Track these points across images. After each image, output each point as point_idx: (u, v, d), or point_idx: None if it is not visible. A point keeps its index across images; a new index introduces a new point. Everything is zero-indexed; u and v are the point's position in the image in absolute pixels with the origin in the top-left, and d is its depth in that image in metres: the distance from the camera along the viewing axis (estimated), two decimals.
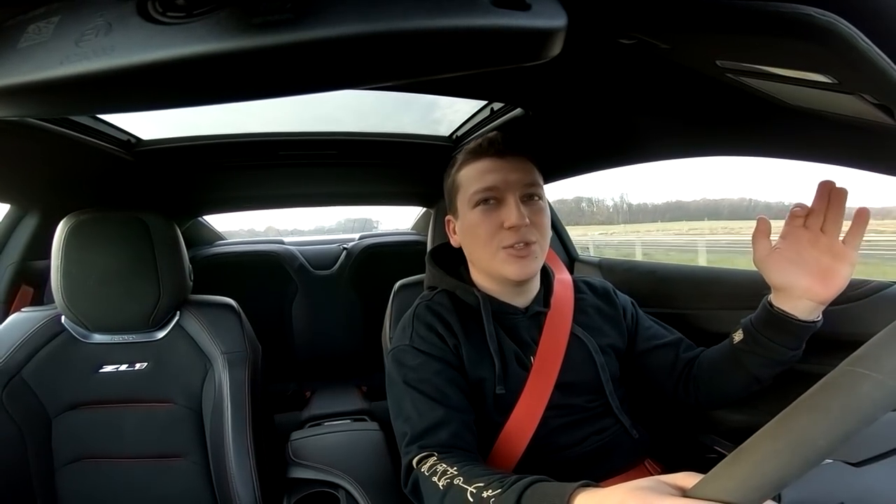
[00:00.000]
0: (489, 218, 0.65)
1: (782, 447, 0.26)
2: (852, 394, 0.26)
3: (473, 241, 0.68)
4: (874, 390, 0.25)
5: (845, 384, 0.26)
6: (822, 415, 0.26)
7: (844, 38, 0.29)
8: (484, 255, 0.67)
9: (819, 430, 0.25)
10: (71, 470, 0.81)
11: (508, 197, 0.65)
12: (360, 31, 0.23)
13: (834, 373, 0.27)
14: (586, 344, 0.69)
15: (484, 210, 0.65)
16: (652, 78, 0.58)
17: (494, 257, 0.65)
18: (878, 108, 0.39)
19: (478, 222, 0.66)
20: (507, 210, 0.64)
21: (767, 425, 0.27)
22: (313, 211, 4.52)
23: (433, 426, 0.58)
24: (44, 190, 1.00)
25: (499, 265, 0.65)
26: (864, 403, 0.25)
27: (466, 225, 0.68)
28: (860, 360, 0.27)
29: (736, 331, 0.66)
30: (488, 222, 0.65)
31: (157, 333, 0.86)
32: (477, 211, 0.66)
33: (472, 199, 0.66)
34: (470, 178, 0.67)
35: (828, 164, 0.60)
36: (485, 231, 0.65)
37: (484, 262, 0.68)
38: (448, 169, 0.73)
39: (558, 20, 0.25)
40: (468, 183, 0.67)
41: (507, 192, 0.65)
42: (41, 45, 0.24)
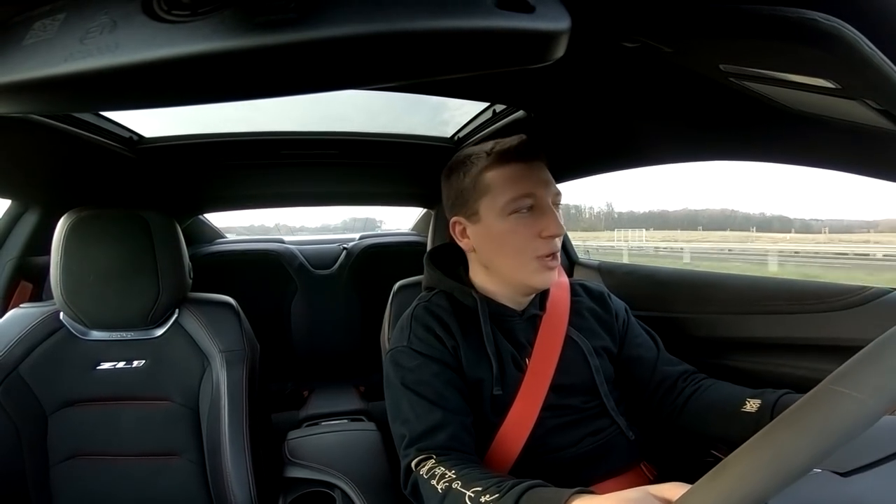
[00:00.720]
0: (525, 226, 0.63)
1: (763, 463, 0.26)
2: (831, 412, 0.26)
3: (501, 250, 0.65)
4: (853, 409, 0.26)
5: (825, 403, 0.27)
6: (801, 432, 0.26)
7: (849, 43, 0.29)
8: (513, 263, 0.65)
9: (798, 447, 0.26)
10: (66, 467, 0.81)
11: (545, 205, 0.63)
12: (363, 31, 0.23)
13: (816, 390, 0.28)
14: (581, 346, 0.69)
15: (519, 218, 0.63)
16: (655, 81, 0.58)
17: (525, 266, 0.64)
18: (880, 114, 0.39)
19: (512, 231, 0.63)
20: (547, 219, 0.62)
21: (750, 440, 0.28)
22: (319, 210, 4.52)
23: (431, 429, 0.58)
24: (45, 186, 1.00)
25: (529, 274, 0.64)
26: (842, 422, 0.26)
27: (495, 232, 0.65)
28: (841, 379, 0.27)
29: (751, 401, 0.61)
30: (524, 231, 0.63)
31: (155, 331, 0.86)
32: (512, 219, 0.63)
33: (508, 207, 0.63)
34: (503, 183, 0.63)
35: (829, 169, 0.60)
36: (520, 240, 0.63)
37: (509, 270, 0.66)
38: (459, 168, 0.68)
39: (562, 23, 0.25)
40: (501, 188, 0.63)
41: (543, 199, 0.63)
42: (46, 42, 0.24)
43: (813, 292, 0.73)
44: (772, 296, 0.78)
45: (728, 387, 0.67)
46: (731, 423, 0.62)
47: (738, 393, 0.64)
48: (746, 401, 0.61)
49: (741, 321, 0.81)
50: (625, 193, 28.12)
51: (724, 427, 0.63)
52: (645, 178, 25.67)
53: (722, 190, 35.84)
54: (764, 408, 0.59)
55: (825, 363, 0.70)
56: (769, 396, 0.60)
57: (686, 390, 0.69)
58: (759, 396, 0.61)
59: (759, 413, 0.59)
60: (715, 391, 0.67)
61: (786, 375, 0.75)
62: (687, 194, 36.27)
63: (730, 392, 0.66)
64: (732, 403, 0.63)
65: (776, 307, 0.77)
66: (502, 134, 0.94)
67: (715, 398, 0.66)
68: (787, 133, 0.57)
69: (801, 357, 0.74)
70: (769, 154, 0.65)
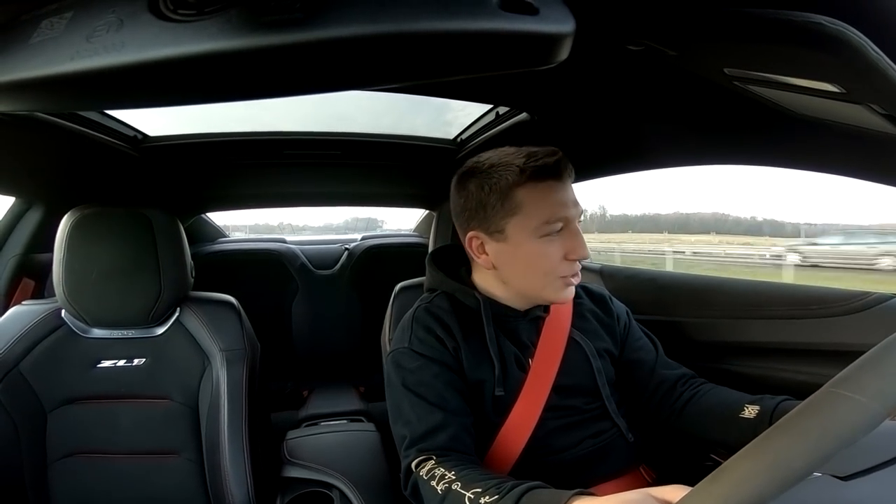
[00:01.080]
0: (554, 248, 0.61)
1: (761, 468, 0.26)
2: (832, 416, 0.26)
3: (528, 271, 0.63)
4: (854, 413, 0.26)
5: (826, 406, 0.27)
6: (800, 437, 0.26)
7: (854, 48, 0.29)
8: (538, 283, 0.64)
9: (797, 451, 0.25)
10: (64, 465, 0.81)
11: (574, 227, 0.62)
12: (368, 31, 0.23)
13: (817, 394, 0.28)
14: (583, 347, 0.69)
15: (549, 241, 0.61)
16: (659, 85, 0.58)
17: (550, 286, 0.63)
18: (885, 119, 0.39)
19: (541, 254, 0.61)
20: (576, 242, 0.61)
21: (751, 444, 0.28)
22: (322, 210, 4.53)
23: (432, 430, 0.58)
24: (49, 183, 1.00)
25: (552, 293, 0.64)
26: (842, 426, 0.25)
27: (522, 253, 0.62)
28: (843, 383, 0.27)
29: (750, 407, 0.61)
30: (553, 253, 0.61)
31: (156, 329, 0.86)
32: (542, 241, 0.61)
33: (540, 230, 0.60)
34: (535, 204, 0.60)
35: (833, 174, 0.60)
36: (548, 263, 0.62)
37: (533, 289, 0.65)
38: (482, 179, 0.63)
39: (566, 25, 0.25)
40: (536, 209, 0.60)
41: (572, 221, 0.62)
42: (53, 41, 0.24)
43: (814, 298, 0.73)
44: (773, 301, 0.78)
45: (727, 392, 0.67)
46: (729, 429, 0.61)
47: (737, 398, 0.64)
48: (745, 406, 0.61)
49: (742, 326, 0.81)
50: (617, 197, 27.76)
51: (723, 432, 0.63)
52: (636, 182, 24.55)
53: (716, 194, 35.30)
54: (762, 414, 0.59)
55: (826, 368, 0.70)
56: (768, 402, 0.60)
57: (685, 394, 0.69)
58: (757, 402, 0.61)
59: (757, 419, 0.59)
60: (713, 396, 0.67)
61: (786, 380, 0.75)
62: (681, 198, 35.44)
63: (728, 397, 0.65)
64: (731, 409, 0.62)
65: (777, 312, 0.77)
66: (505, 136, 0.94)
67: (713, 403, 0.66)
68: (791, 137, 0.57)
69: (802, 362, 0.74)
70: (773, 158, 0.65)
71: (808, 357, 0.73)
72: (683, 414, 0.68)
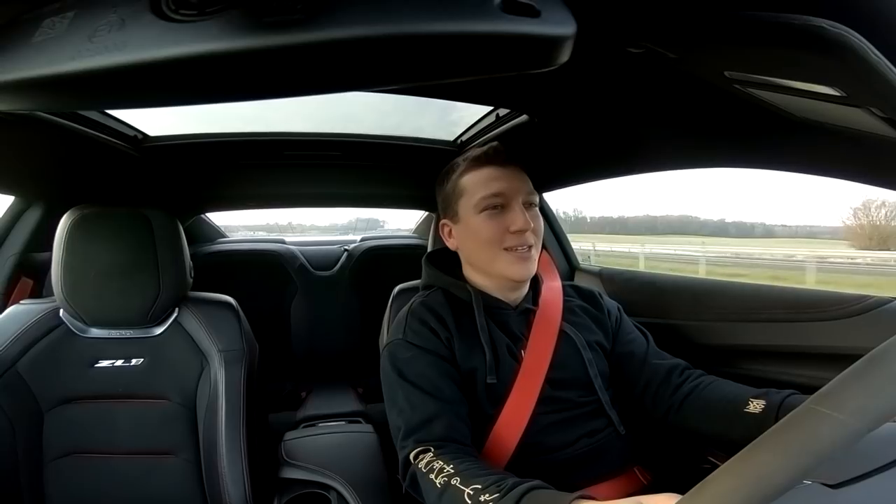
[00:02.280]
0: (495, 222, 0.68)
1: (742, 483, 0.26)
2: (812, 433, 0.26)
3: (476, 244, 0.71)
4: (834, 430, 0.26)
5: (806, 423, 0.27)
6: (781, 453, 0.26)
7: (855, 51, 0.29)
8: (486, 256, 0.70)
9: (777, 467, 0.26)
10: (61, 465, 0.81)
11: (514, 203, 0.68)
12: (369, 33, 0.23)
13: (798, 410, 0.28)
14: (574, 340, 0.70)
15: (490, 215, 0.68)
16: (659, 88, 0.58)
17: (497, 259, 0.69)
18: (885, 123, 0.39)
19: (483, 226, 0.69)
20: (514, 215, 0.67)
21: (731, 460, 0.28)
22: (328, 210, 4.56)
23: (427, 419, 0.59)
24: (49, 183, 1.00)
25: (502, 266, 0.69)
26: (822, 443, 0.26)
27: (470, 229, 0.71)
28: (824, 399, 0.27)
29: (755, 401, 0.59)
30: (494, 226, 0.68)
31: (154, 329, 0.86)
32: (483, 216, 0.69)
33: (479, 205, 0.69)
34: (476, 185, 0.70)
35: (833, 177, 0.60)
36: (490, 234, 0.68)
37: (485, 263, 0.71)
38: (445, 175, 0.75)
39: (568, 27, 0.25)
40: (474, 189, 0.70)
41: (512, 198, 0.68)
42: (55, 40, 0.24)
43: (813, 301, 0.73)
44: (772, 304, 0.78)
45: (729, 385, 0.65)
46: (732, 424, 0.60)
47: (740, 392, 0.62)
48: (750, 401, 0.59)
49: (741, 329, 0.81)
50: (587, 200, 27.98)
51: (726, 427, 0.61)
52: (610, 186, 25.62)
53: (686, 196, 36.11)
54: (769, 409, 0.57)
55: (825, 371, 0.70)
56: (774, 397, 0.58)
57: (684, 386, 0.68)
58: (762, 397, 0.59)
59: (763, 414, 0.57)
60: (715, 390, 0.65)
61: (786, 383, 0.74)
62: (650, 201, 36.56)
63: (731, 391, 0.64)
64: (735, 403, 0.61)
65: (776, 315, 0.77)
66: (505, 138, 0.94)
67: (715, 397, 0.64)
68: (791, 141, 0.57)
69: (802, 365, 0.74)
70: (773, 162, 0.65)
71: (806, 360, 0.73)
72: (683, 408, 0.67)
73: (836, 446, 0.25)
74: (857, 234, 31.53)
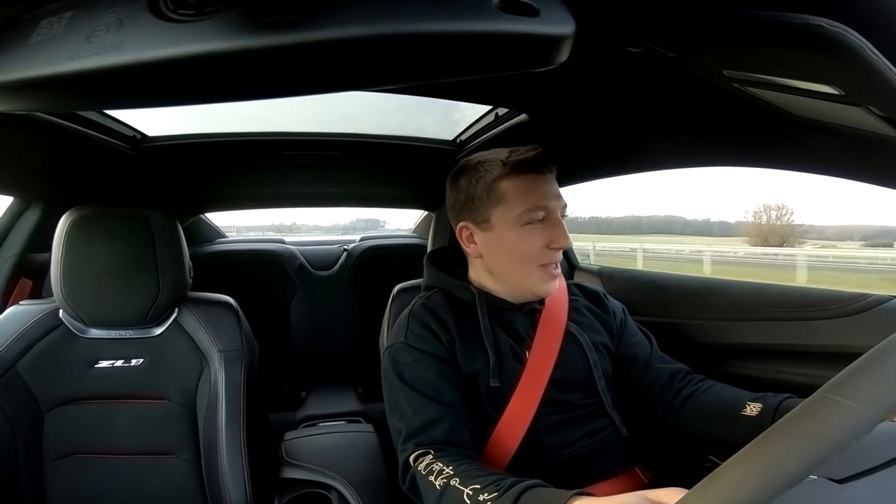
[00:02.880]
0: (535, 237, 0.65)
1: (755, 472, 0.26)
2: (825, 421, 0.26)
3: (509, 259, 0.67)
4: (847, 418, 0.26)
5: (820, 411, 0.27)
6: (794, 441, 0.26)
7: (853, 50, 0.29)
8: (519, 271, 0.67)
9: (791, 456, 0.26)
10: (61, 465, 0.81)
11: (555, 217, 0.66)
12: (368, 32, 0.23)
13: (811, 399, 0.28)
14: (580, 341, 0.70)
15: (531, 229, 0.65)
16: (658, 87, 0.58)
17: (531, 275, 0.66)
18: (883, 121, 0.39)
19: (522, 241, 0.65)
20: (556, 231, 0.65)
21: (744, 449, 0.28)
22: (330, 211, 4.59)
23: (428, 423, 0.59)
24: (48, 183, 1.00)
25: (534, 283, 0.66)
26: (836, 431, 0.25)
27: (505, 241, 0.66)
28: (837, 387, 0.27)
29: (752, 404, 0.61)
30: (534, 241, 0.65)
31: (154, 330, 0.86)
32: (524, 230, 0.65)
33: (521, 218, 0.64)
34: (516, 194, 0.65)
35: (832, 176, 0.60)
36: (529, 250, 0.65)
37: (516, 278, 0.68)
38: (468, 174, 0.69)
39: (567, 27, 0.25)
40: (514, 198, 0.65)
41: (553, 211, 0.65)
42: (53, 40, 0.24)
43: (813, 299, 0.73)
44: (772, 302, 0.78)
45: (727, 389, 0.67)
46: (730, 427, 0.61)
47: (738, 396, 0.64)
48: (746, 404, 0.61)
49: (742, 327, 0.81)
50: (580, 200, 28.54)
51: (723, 430, 0.62)
52: (598, 188, 25.97)
53: (672, 196, 36.06)
54: (765, 412, 0.58)
55: (825, 370, 0.70)
56: (770, 400, 0.59)
57: (684, 391, 0.69)
58: (759, 400, 0.60)
59: (759, 417, 0.59)
60: (713, 393, 0.67)
61: (786, 382, 0.75)
62: (637, 201, 36.41)
63: (729, 394, 0.65)
64: (732, 406, 0.62)
65: (777, 314, 0.77)
66: (504, 137, 0.94)
67: (713, 400, 0.65)
68: (790, 139, 0.57)
69: (801, 364, 0.74)
70: (772, 160, 0.65)
71: (806, 359, 0.73)
72: (682, 411, 0.68)
73: (849, 435, 0.25)
74: (754, 232, 32.95)
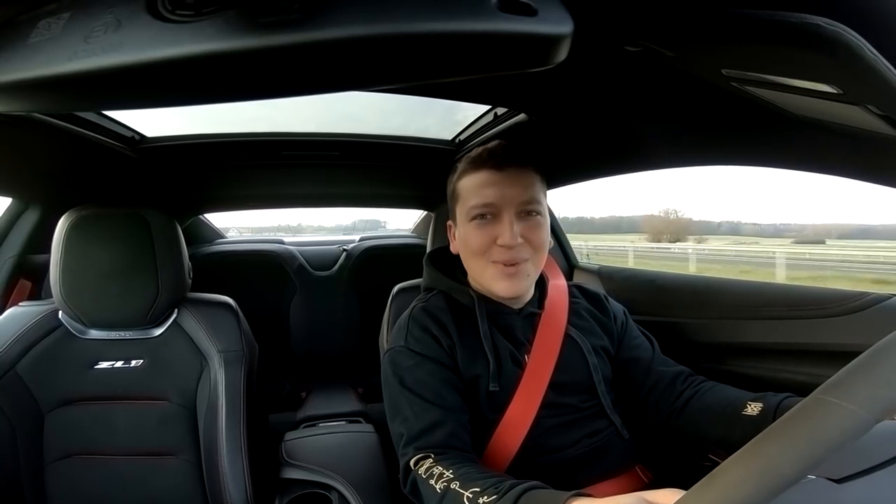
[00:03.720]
0: (483, 232, 0.65)
1: (750, 474, 0.26)
2: (821, 423, 0.26)
3: (467, 253, 0.70)
4: (843, 420, 0.25)
5: (815, 413, 0.27)
6: (789, 443, 0.26)
7: (851, 48, 0.29)
8: (475, 267, 0.69)
9: (786, 458, 0.25)
10: (61, 466, 0.81)
11: (504, 214, 0.64)
12: (366, 32, 0.23)
13: (806, 401, 0.28)
14: (580, 345, 0.70)
15: (479, 225, 0.66)
16: (657, 86, 0.58)
17: (485, 271, 0.67)
18: (882, 120, 0.39)
19: (472, 235, 0.67)
20: (501, 227, 0.64)
21: (739, 451, 0.28)
22: (333, 213, 4.63)
23: (429, 427, 0.59)
24: (46, 184, 1.00)
25: (489, 280, 0.67)
26: (831, 433, 0.25)
27: (461, 236, 0.70)
28: (832, 389, 0.27)
29: (752, 404, 0.61)
30: (482, 237, 0.65)
31: (154, 330, 0.86)
32: (472, 224, 0.67)
33: (469, 213, 0.67)
34: (468, 191, 0.68)
35: (831, 174, 0.60)
36: (477, 245, 0.66)
37: (476, 273, 0.70)
38: (450, 175, 0.74)
39: (565, 26, 0.25)
40: (466, 195, 0.68)
41: (503, 208, 0.65)
42: (51, 41, 0.24)
43: (812, 298, 0.73)
44: (772, 301, 0.78)
45: (728, 389, 0.67)
46: (731, 427, 0.61)
47: (739, 396, 0.64)
48: (747, 404, 0.61)
49: (741, 326, 0.81)
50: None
51: (724, 430, 0.62)
52: (584, 189, 25.46)
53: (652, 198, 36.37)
54: (766, 411, 0.58)
55: (824, 369, 0.70)
56: (771, 400, 0.59)
57: (685, 393, 0.69)
58: (760, 400, 0.61)
59: (760, 416, 0.58)
60: (714, 394, 0.67)
61: (785, 381, 0.75)
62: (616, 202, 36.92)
63: (730, 395, 0.65)
64: (733, 406, 0.62)
65: (776, 313, 0.77)
66: (503, 137, 0.94)
67: (714, 401, 0.66)
68: (788, 138, 0.57)
69: (801, 362, 0.74)
70: (770, 159, 0.65)
71: (806, 357, 0.73)
72: (684, 413, 0.68)
73: (845, 436, 0.25)
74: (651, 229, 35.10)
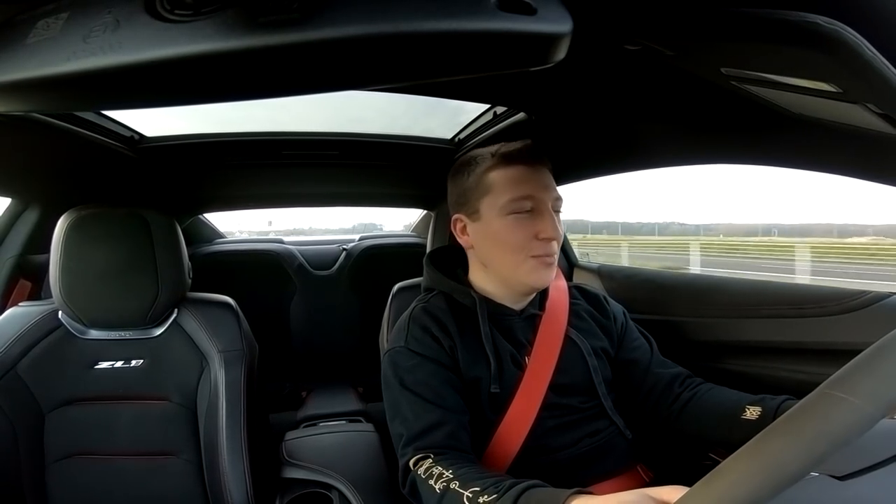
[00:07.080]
0: (522, 227, 0.65)
1: (755, 470, 0.26)
2: (826, 418, 0.26)
3: (498, 248, 0.67)
4: (848, 415, 0.25)
5: (820, 408, 0.26)
6: (795, 439, 0.26)
7: (850, 47, 0.29)
8: (509, 262, 0.67)
9: (791, 454, 0.25)
10: (62, 466, 0.81)
11: (544, 208, 0.65)
12: (365, 32, 0.23)
13: (811, 396, 0.28)
14: (580, 346, 0.70)
15: (518, 219, 0.65)
16: (656, 84, 0.58)
17: (521, 265, 0.66)
18: (881, 118, 0.39)
19: (509, 230, 0.65)
20: (544, 222, 0.64)
21: (745, 446, 0.28)
22: (335, 215, 4.68)
23: (429, 428, 0.59)
24: (46, 184, 1.00)
25: (525, 274, 0.66)
26: (837, 428, 0.25)
27: (493, 230, 0.67)
28: (837, 384, 0.27)
29: (751, 408, 0.61)
30: (521, 231, 0.65)
31: (154, 330, 0.86)
32: (510, 219, 0.65)
33: (507, 207, 0.65)
34: (503, 184, 0.66)
35: (830, 173, 0.60)
36: (517, 240, 0.65)
37: (506, 269, 0.68)
38: (464, 167, 0.70)
39: (564, 25, 0.25)
40: (501, 188, 0.66)
41: (542, 202, 0.65)
42: (50, 41, 0.24)
43: (812, 296, 0.73)
44: (771, 300, 0.78)
45: (726, 392, 0.67)
46: (730, 430, 0.61)
47: (737, 399, 0.64)
48: (746, 408, 0.61)
49: (741, 325, 0.81)
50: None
51: (724, 434, 0.63)
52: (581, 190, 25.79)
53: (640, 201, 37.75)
54: (765, 416, 0.59)
55: (824, 367, 0.70)
56: (770, 403, 0.60)
57: (683, 395, 0.69)
58: (758, 403, 0.61)
59: (759, 421, 0.59)
60: (713, 396, 0.67)
61: (785, 379, 0.75)
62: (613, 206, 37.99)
63: (728, 398, 0.65)
64: (731, 410, 0.62)
65: (776, 311, 0.77)
66: (503, 136, 0.94)
67: (713, 404, 0.66)
68: (787, 137, 0.57)
69: (801, 361, 0.74)
70: (769, 158, 0.65)
71: (805, 356, 0.74)
72: (682, 415, 0.68)
73: (850, 431, 0.25)
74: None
